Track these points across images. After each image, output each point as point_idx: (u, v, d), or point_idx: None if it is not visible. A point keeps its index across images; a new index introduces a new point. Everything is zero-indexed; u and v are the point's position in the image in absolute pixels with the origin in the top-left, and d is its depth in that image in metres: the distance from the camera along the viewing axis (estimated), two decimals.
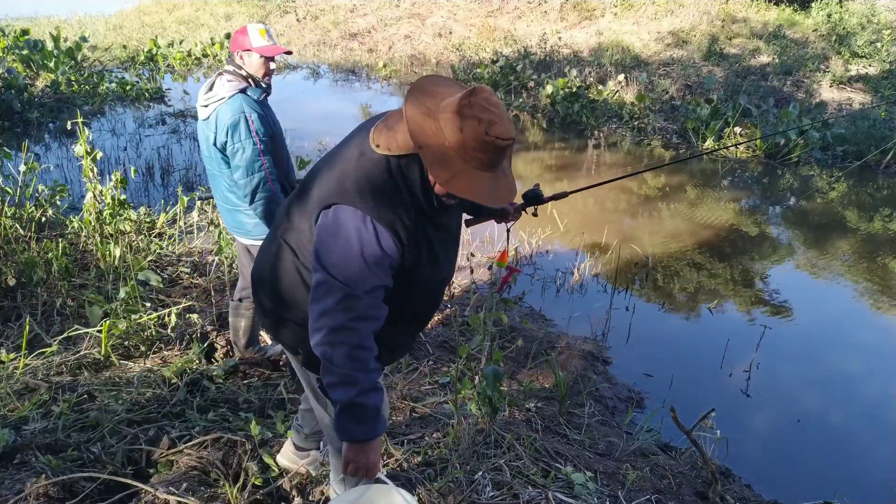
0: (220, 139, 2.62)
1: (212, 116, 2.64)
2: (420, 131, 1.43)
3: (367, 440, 1.55)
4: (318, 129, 8.93)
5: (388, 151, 1.52)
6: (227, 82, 2.63)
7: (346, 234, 1.48)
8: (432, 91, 1.50)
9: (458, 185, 1.44)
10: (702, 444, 2.82)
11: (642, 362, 4.11)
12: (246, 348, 3.25)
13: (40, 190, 4.67)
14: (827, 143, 9.02)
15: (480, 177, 1.45)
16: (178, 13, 19.54)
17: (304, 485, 2.31)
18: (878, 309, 5.05)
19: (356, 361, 1.50)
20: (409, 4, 17.92)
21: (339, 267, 1.47)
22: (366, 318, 1.50)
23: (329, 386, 1.53)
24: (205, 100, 2.65)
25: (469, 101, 1.41)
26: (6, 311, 3.58)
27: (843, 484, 3.00)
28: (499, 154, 1.45)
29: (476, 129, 1.40)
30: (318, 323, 1.50)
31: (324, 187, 1.56)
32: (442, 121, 1.43)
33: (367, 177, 1.51)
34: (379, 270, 1.50)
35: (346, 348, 1.49)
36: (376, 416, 1.54)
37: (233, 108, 2.59)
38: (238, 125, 2.57)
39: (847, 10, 13.75)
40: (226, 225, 2.96)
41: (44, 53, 11.00)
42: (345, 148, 1.63)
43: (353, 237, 1.47)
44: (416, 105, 1.46)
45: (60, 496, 2.03)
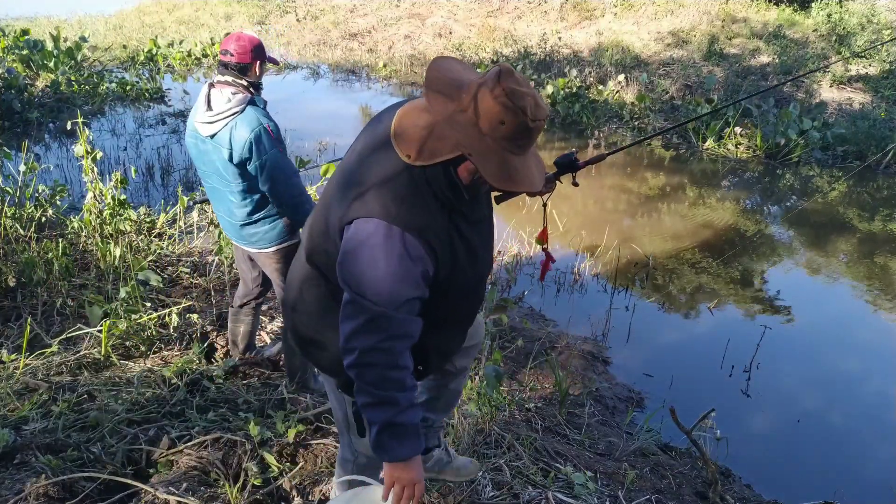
0: (240, 155, 2.52)
1: (222, 133, 2.52)
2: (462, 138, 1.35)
3: (410, 458, 1.49)
4: (318, 129, 8.94)
5: (422, 162, 1.40)
6: (232, 95, 2.52)
7: (371, 248, 1.38)
8: (452, 83, 1.41)
9: (511, 179, 1.37)
10: (702, 444, 2.83)
11: (642, 362, 4.11)
12: (244, 353, 3.25)
13: (40, 190, 4.67)
14: (827, 143, 9.01)
15: (524, 163, 1.39)
16: (178, 13, 19.53)
17: (303, 485, 2.31)
18: (878, 309, 5.05)
19: (392, 382, 1.43)
20: (409, 4, 17.92)
21: (367, 285, 1.38)
22: (398, 336, 1.42)
23: (364, 407, 1.46)
24: (209, 117, 2.51)
25: (504, 91, 1.32)
26: (6, 311, 3.58)
27: (843, 484, 3.00)
28: (537, 134, 1.40)
29: (519, 118, 1.34)
30: (349, 344, 1.42)
31: (343, 203, 1.46)
32: (479, 118, 1.35)
33: (390, 186, 1.42)
34: (411, 283, 1.40)
35: (379, 369, 1.42)
36: (417, 433, 1.49)
37: (251, 122, 2.50)
38: (261, 138, 2.50)
39: (847, 10, 13.74)
40: (229, 236, 2.90)
41: (44, 53, 10.99)
42: (360, 159, 1.53)
43: (380, 251, 1.38)
44: (443, 105, 1.38)
45: (60, 496, 2.03)
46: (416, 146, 1.40)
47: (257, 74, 2.63)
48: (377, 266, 1.37)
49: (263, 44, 2.65)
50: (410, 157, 1.41)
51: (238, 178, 2.61)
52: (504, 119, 1.33)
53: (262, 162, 2.54)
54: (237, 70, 2.57)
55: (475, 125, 1.35)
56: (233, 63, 2.56)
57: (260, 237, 2.75)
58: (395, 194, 1.41)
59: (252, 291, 3.12)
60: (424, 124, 1.41)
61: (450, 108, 1.37)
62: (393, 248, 1.37)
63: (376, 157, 1.48)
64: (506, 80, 1.33)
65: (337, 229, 1.46)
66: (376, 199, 1.41)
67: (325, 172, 4.50)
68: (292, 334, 1.77)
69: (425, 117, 1.42)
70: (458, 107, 1.37)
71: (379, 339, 1.40)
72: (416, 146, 1.40)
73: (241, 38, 2.58)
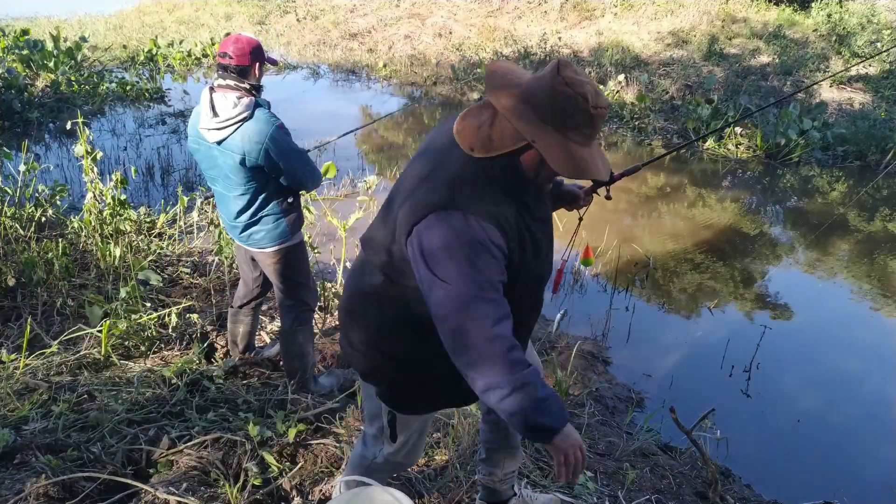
0: (255, 160, 2.52)
1: (232, 139, 2.51)
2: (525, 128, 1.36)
3: (565, 425, 1.43)
4: (318, 129, 8.92)
5: (486, 153, 1.42)
6: (237, 100, 2.51)
7: (450, 239, 1.37)
8: (510, 80, 1.43)
9: (577, 168, 1.37)
10: (702, 444, 2.82)
11: (642, 362, 4.11)
12: (244, 353, 3.26)
13: (40, 190, 4.67)
14: (827, 143, 9.01)
15: (588, 153, 1.40)
16: (178, 13, 19.53)
17: (303, 485, 2.31)
18: (878, 309, 5.05)
19: (515, 364, 1.36)
20: (409, 4, 17.91)
21: (456, 277, 1.35)
22: (502, 318, 1.38)
23: (502, 402, 1.37)
24: (216, 124, 2.50)
25: (565, 79, 1.34)
26: (6, 311, 3.58)
27: (843, 484, 3.00)
28: (599, 123, 1.39)
29: (583, 106, 1.35)
30: (458, 344, 1.37)
31: (412, 202, 1.44)
32: (543, 107, 1.36)
33: (459, 180, 1.42)
34: (495, 266, 1.38)
35: (500, 358, 1.36)
36: (558, 398, 1.43)
37: (264, 124, 2.51)
38: (276, 137, 2.52)
39: (847, 10, 13.74)
40: (233, 238, 2.91)
41: (44, 53, 10.99)
42: (423, 163, 1.53)
43: (462, 240, 1.36)
44: (506, 96, 1.39)
45: (60, 496, 2.03)
46: (478, 139, 1.43)
47: (257, 76, 2.62)
48: (461, 256, 1.36)
49: (262, 45, 2.64)
50: (473, 149, 1.43)
51: (246, 181, 2.62)
52: (566, 106, 1.35)
53: (286, 159, 2.57)
54: (237, 73, 2.55)
55: (537, 115, 1.37)
56: (232, 66, 2.54)
57: (263, 236, 2.75)
58: (465, 187, 1.41)
59: (252, 292, 3.12)
60: (486, 119, 1.44)
61: (511, 102, 1.38)
62: (474, 234, 1.37)
63: (440, 158, 1.49)
64: (565, 70, 1.36)
65: (406, 230, 1.44)
66: (447, 192, 1.41)
67: (325, 172, 4.50)
68: (344, 338, 1.77)
69: (486, 112, 1.45)
70: (518, 100, 1.38)
71: (487, 327, 1.35)
72: (479, 139, 1.43)
73: (238, 41, 2.55)
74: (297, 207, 2.81)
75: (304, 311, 2.97)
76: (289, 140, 2.60)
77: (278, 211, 2.72)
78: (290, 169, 2.61)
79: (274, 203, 2.71)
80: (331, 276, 4.55)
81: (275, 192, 2.70)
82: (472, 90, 12.54)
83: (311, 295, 3.00)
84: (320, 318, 3.99)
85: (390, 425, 1.75)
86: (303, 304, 2.96)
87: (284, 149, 2.56)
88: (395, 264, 1.52)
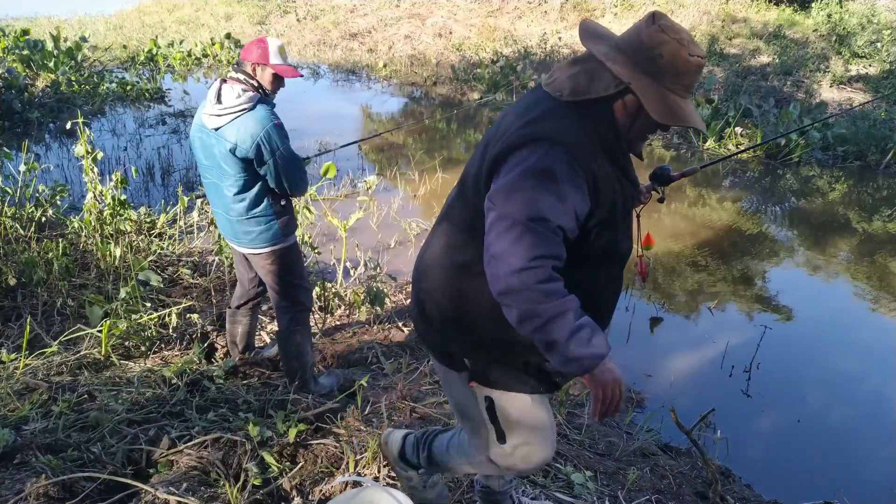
0: (246, 152, 2.55)
1: (228, 128, 2.55)
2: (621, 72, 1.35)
3: (606, 354, 1.39)
4: (318, 129, 8.94)
5: (577, 98, 1.39)
6: (242, 92, 2.56)
7: (532, 164, 1.33)
8: (604, 32, 1.44)
9: (675, 114, 1.36)
10: (702, 444, 2.82)
11: (642, 362, 4.10)
12: (243, 353, 3.26)
13: (40, 190, 4.67)
14: (828, 143, 9.01)
15: (686, 103, 1.39)
16: (178, 13, 19.53)
17: (303, 485, 2.31)
18: (878, 309, 5.05)
19: (555, 294, 1.32)
20: (409, 4, 17.92)
21: (522, 200, 1.31)
22: (551, 256, 1.33)
23: (536, 332, 1.34)
24: (218, 110, 2.55)
25: (661, 27, 1.35)
26: (6, 311, 3.58)
27: (843, 484, 3.00)
28: (696, 74, 1.39)
29: (680, 52, 1.34)
30: (500, 267, 1.32)
31: (496, 147, 1.41)
32: (640, 55, 1.36)
33: (553, 117, 1.39)
34: (567, 206, 1.33)
35: (540, 285, 1.31)
36: (596, 327, 1.38)
37: (261, 119, 2.54)
38: (271, 134, 2.55)
39: (847, 10, 13.74)
40: (224, 234, 2.91)
41: (44, 53, 11.00)
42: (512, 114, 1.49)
43: (542, 166, 1.32)
44: (602, 44, 1.39)
45: (60, 496, 2.03)
46: (568, 84, 1.41)
47: (261, 77, 2.66)
48: (535, 181, 1.32)
49: (273, 49, 2.66)
50: (562, 93, 1.41)
51: (238, 172, 2.63)
52: (662, 52, 1.35)
53: (275, 158, 2.59)
54: (241, 67, 2.64)
55: (633, 61, 1.36)
56: (240, 60, 2.64)
57: (254, 237, 2.76)
58: (560, 122, 1.38)
59: (249, 293, 3.13)
60: (577, 69, 1.43)
61: (606, 48, 1.38)
62: (556, 163, 1.33)
63: (531, 107, 1.45)
64: (661, 19, 1.37)
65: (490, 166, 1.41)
66: (541, 126, 1.38)
67: (325, 172, 4.50)
68: (422, 319, 1.68)
69: (577, 65, 1.44)
70: (614, 47, 1.38)
71: (534, 256, 1.31)
72: (570, 84, 1.41)
73: (258, 41, 2.65)
74: (289, 210, 2.82)
75: (300, 311, 2.98)
76: (284, 141, 2.61)
77: (270, 213, 2.73)
78: (278, 170, 2.62)
79: (266, 203, 2.71)
80: (331, 277, 4.55)
81: (266, 189, 2.71)
82: (473, 90, 12.54)
83: (306, 295, 3.01)
84: (320, 319, 4.00)
85: (491, 417, 1.61)
86: (299, 304, 2.96)
87: (276, 148, 2.58)
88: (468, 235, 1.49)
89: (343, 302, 4.15)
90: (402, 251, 5.37)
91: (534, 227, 1.32)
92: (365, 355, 3.60)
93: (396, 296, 4.53)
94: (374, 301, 3.93)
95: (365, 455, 2.38)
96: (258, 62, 2.61)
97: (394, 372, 3.34)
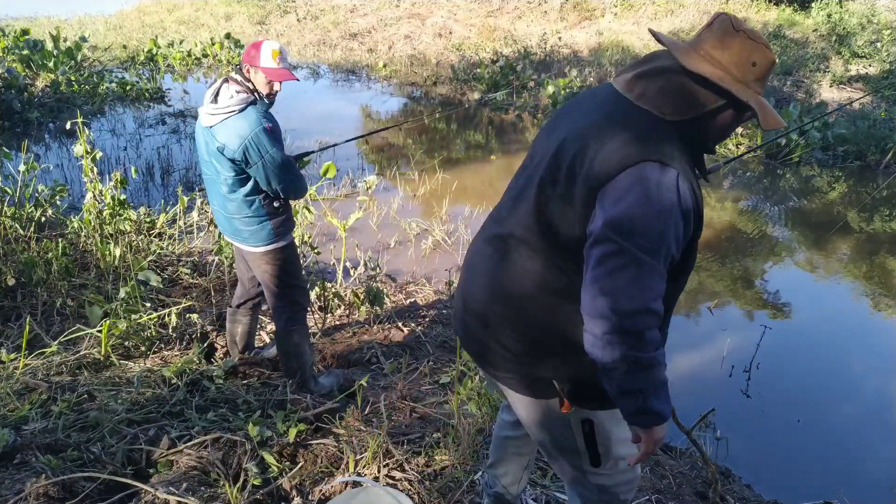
0: (234, 153, 2.57)
1: (219, 127, 2.58)
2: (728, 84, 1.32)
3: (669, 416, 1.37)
4: (318, 129, 8.94)
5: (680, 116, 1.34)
6: (235, 93, 2.58)
7: (647, 191, 1.24)
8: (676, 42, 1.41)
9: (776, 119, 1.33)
10: (702, 444, 2.82)
11: None
12: (242, 353, 3.26)
13: (40, 190, 4.67)
14: (828, 143, 9.01)
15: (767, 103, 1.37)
16: (178, 13, 19.52)
17: (303, 485, 2.31)
18: (878, 309, 5.05)
19: (656, 343, 1.28)
20: (409, 4, 17.92)
21: (637, 228, 1.23)
22: (659, 296, 1.28)
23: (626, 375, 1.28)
24: (213, 109, 2.58)
25: (746, 33, 1.33)
26: (6, 311, 3.58)
27: (843, 484, 3.00)
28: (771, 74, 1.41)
29: (768, 55, 1.34)
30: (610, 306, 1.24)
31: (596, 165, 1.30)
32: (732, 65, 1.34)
33: (654, 138, 1.31)
34: (677, 234, 1.28)
35: (648, 332, 1.26)
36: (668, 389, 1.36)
37: (250, 122, 2.56)
38: (259, 138, 2.56)
39: (847, 10, 13.75)
40: (222, 231, 2.93)
41: (44, 53, 10.99)
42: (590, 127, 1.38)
43: (662, 194, 1.25)
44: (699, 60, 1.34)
45: (60, 496, 2.03)
46: (668, 102, 1.36)
47: (255, 80, 2.66)
48: (652, 211, 1.25)
49: (266, 52, 2.65)
50: (666, 112, 1.35)
51: (228, 171, 2.65)
52: (755, 59, 1.34)
53: (263, 162, 2.59)
54: (239, 69, 2.65)
55: (729, 73, 1.34)
56: (240, 62, 2.66)
57: (249, 235, 2.78)
58: (662, 143, 1.31)
59: (249, 292, 3.14)
60: (672, 82, 1.37)
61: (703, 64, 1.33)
62: (669, 188, 1.26)
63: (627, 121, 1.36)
64: (740, 24, 1.36)
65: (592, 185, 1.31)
66: (645, 145, 1.30)
67: (324, 172, 4.50)
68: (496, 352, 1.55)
69: (664, 77, 1.37)
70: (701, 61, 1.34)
71: (649, 299, 1.25)
72: (669, 101, 1.36)
73: (257, 45, 2.66)
74: (284, 212, 2.82)
75: (297, 310, 2.98)
76: (274, 146, 2.60)
77: (263, 213, 2.74)
78: (267, 173, 2.62)
79: (257, 204, 2.72)
80: (330, 277, 4.55)
81: (257, 190, 2.72)
82: (472, 90, 12.54)
83: (303, 294, 3.02)
84: (320, 318, 4.00)
85: (589, 442, 1.53)
86: (295, 303, 2.96)
87: (265, 152, 2.58)
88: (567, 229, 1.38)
89: (343, 302, 4.15)
90: (402, 251, 5.37)
91: (651, 265, 1.25)
92: (365, 355, 3.60)
93: (396, 296, 4.53)
94: (373, 301, 3.93)
95: (365, 455, 2.38)
96: (251, 64, 2.62)
97: (394, 372, 3.34)
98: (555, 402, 1.51)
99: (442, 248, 5.45)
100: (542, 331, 1.48)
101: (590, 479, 1.60)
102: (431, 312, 4.27)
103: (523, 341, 1.51)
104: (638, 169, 1.27)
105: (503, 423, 2.01)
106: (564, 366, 1.48)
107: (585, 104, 1.50)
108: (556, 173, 1.40)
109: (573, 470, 1.62)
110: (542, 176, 1.44)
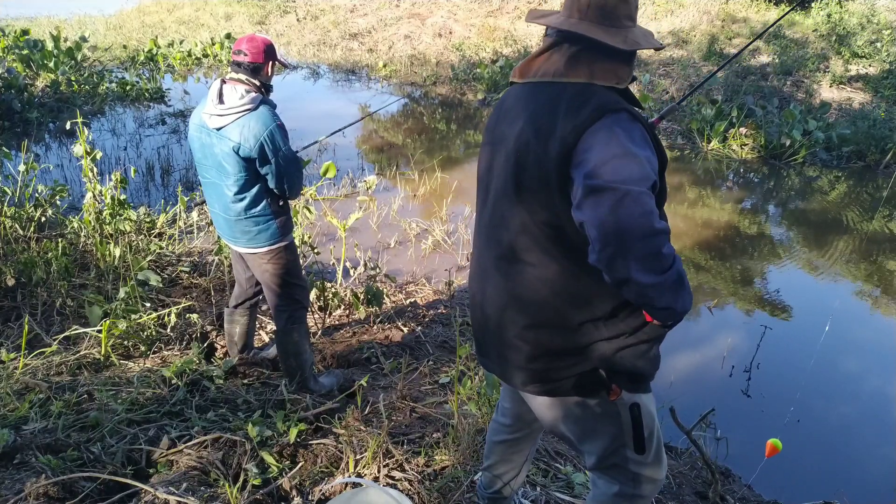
0: (250, 152, 2.57)
1: (232, 127, 2.57)
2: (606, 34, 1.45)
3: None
4: (318, 129, 8.91)
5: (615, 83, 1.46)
6: (245, 93, 2.59)
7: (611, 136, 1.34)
8: (543, 15, 1.55)
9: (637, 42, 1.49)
10: (702, 444, 2.82)
11: None
12: (241, 353, 3.26)
13: (40, 190, 4.67)
14: (831, 144, 9.00)
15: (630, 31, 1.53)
16: (178, 13, 19.52)
17: (303, 485, 2.31)
18: (877, 309, 5.05)
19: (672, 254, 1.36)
20: (409, 4, 17.91)
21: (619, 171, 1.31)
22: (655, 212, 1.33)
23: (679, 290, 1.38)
24: (220, 110, 2.57)
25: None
26: (6, 311, 3.58)
27: (843, 484, 3.00)
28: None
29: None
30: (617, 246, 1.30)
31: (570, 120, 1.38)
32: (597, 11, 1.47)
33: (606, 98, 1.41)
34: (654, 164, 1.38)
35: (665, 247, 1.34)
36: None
37: (265, 120, 2.58)
38: (274, 135, 2.59)
39: (847, 10, 13.73)
40: (221, 234, 2.92)
41: (44, 53, 10.99)
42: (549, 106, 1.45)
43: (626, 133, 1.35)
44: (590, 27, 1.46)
45: (60, 496, 2.03)
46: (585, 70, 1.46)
47: (269, 75, 2.71)
48: (625, 148, 1.34)
49: (275, 46, 2.72)
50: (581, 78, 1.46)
51: (239, 172, 2.65)
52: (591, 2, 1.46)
53: (278, 159, 2.62)
54: (250, 70, 2.65)
55: (596, 23, 1.46)
56: (246, 63, 2.64)
57: (252, 236, 2.78)
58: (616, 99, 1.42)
59: (246, 292, 3.14)
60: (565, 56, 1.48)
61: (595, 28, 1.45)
62: (627, 127, 1.37)
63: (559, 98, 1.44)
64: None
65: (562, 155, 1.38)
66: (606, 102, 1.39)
67: (324, 172, 4.50)
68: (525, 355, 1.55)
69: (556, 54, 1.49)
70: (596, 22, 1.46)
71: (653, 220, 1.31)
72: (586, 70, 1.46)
73: (253, 39, 2.66)
74: (287, 210, 2.86)
75: (298, 309, 2.99)
76: (286, 142, 2.66)
77: (269, 212, 2.75)
78: (280, 170, 2.66)
79: (265, 203, 2.74)
80: (330, 276, 4.55)
81: (266, 189, 2.73)
82: (472, 90, 12.54)
83: (303, 293, 3.02)
84: (320, 318, 3.99)
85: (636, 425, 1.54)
86: (296, 302, 2.97)
87: (279, 149, 2.63)
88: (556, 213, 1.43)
89: (342, 302, 4.15)
90: (402, 251, 5.37)
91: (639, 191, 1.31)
92: (365, 355, 3.60)
93: (396, 296, 4.53)
94: (373, 301, 3.93)
95: (365, 455, 2.38)
96: (274, 60, 2.71)
97: (393, 372, 3.34)
98: (595, 396, 1.54)
99: (442, 248, 5.44)
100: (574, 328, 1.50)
101: (631, 468, 1.60)
102: (431, 312, 4.27)
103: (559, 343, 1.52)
104: (596, 125, 1.37)
105: (499, 427, 2.00)
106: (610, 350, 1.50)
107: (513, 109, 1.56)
108: (525, 172, 1.46)
109: (614, 457, 1.60)
110: (514, 183, 1.50)
